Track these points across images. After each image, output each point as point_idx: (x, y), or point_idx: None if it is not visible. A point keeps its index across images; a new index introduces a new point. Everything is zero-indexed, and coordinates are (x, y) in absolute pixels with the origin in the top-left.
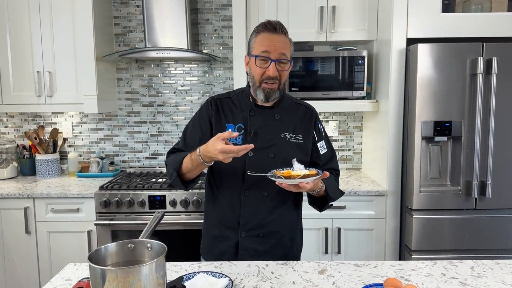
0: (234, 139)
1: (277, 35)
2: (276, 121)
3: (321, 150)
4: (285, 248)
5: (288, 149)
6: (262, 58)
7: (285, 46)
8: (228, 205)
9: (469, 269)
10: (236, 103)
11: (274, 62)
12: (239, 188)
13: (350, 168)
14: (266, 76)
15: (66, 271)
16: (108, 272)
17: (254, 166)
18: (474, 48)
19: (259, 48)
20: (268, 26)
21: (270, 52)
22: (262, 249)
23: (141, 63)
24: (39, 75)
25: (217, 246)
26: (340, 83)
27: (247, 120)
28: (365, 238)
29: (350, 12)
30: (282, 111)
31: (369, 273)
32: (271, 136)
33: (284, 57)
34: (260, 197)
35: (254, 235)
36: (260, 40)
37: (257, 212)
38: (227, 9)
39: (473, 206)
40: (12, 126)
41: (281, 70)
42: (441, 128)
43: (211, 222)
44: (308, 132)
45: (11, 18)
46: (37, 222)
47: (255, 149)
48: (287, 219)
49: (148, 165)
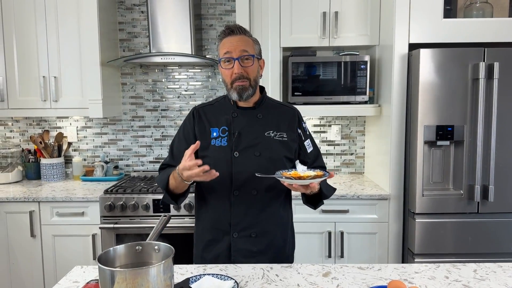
0: (219, 141)
1: (235, 36)
2: (259, 120)
3: (308, 149)
4: (278, 248)
5: (273, 147)
6: (226, 60)
7: (246, 43)
8: (218, 207)
9: (472, 272)
10: (219, 108)
11: (237, 59)
12: (227, 189)
13: (353, 172)
14: (234, 76)
15: (73, 274)
16: (117, 273)
17: (240, 165)
18: (475, 53)
19: (222, 51)
20: (226, 31)
21: (231, 51)
22: (255, 250)
23: (146, 68)
24: (44, 80)
25: (211, 250)
26: (343, 87)
27: (231, 122)
28: (368, 242)
29: (352, 18)
30: (264, 111)
31: (373, 276)
32: (255, 135)
33: (246, 53)
34: (250, 196)
35: (247, 235)
36: (222, 45)
37: (248, 211)
38: (230, 15)
39: (476, 210)
40: (18, 130)
41: (246, 67)
42: (443, 133)
43: (203, 227)
44: (291, 130)
45: (17, 23)
46: (42, 226)
47: (240, 148)
48: (278, 218)
49: (152, 169)
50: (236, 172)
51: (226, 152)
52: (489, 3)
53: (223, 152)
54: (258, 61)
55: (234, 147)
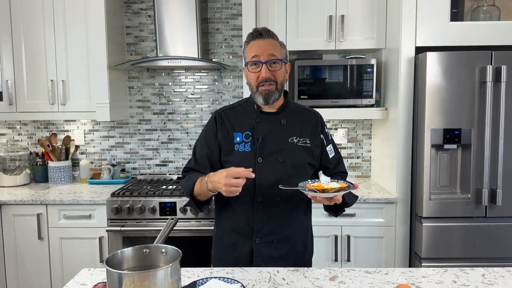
0: (243, 147)
1: (263, 39)
2: (282, 126)
3: (330, 154)
4: (299, 253)
5: (296, 153)
6: (253, 63)
7: (274, 47)
8: (240, 212)
9: (480, 277)
10: (241, 113)
11: (265, 63)
12: (250, 194)
13: (359, 175)
14: (261, 79)
15: (81, 276)
16: (125, 276)
17: (264, 171)
18: (483, 56)
19: (250, 54)
20: (254, 34)
21: (260, 55)
22: (276, 255)
23: (152, 72)
24: (52, 84)
25: (232, 254)
26: (349, 91)
27: (254, 127)
28: (374, 245)
29: (358, 21)
30: (288, 116)
31: (380, 280)
32: (279, 141)
33: (274, 58)
34: (273, 202)
35: (269, 241)
36: (249, 48)
37: (271, 218)
38: (237, 19)
39: (483, 214)
40: (26, 133)
41: (274, 71)
42: (450, 136)
43: (224, 230)
44: (315, 136)
45: (26, 27)
46: (50, 228)
47: (264, 154)
48: (300, 223)
49: (158, 172)
50: (260, 178)
51: (249, 157)
52: (496, 6)
53: (246, 157)
54: (285, 65)
55: (258, 153)
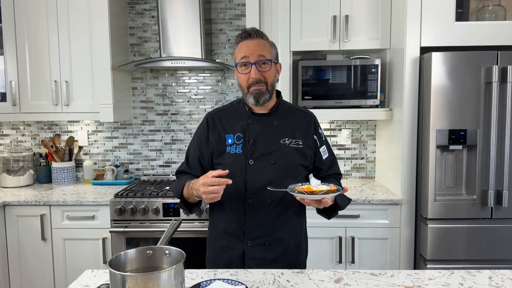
0: (234, 148)
1: (252, 40)
2: (274, 127)
3: (323, 155)
4: (292, 255)
5: (288, 155)
6: (242, 64)
7: (263, 48)
8: (232, 214)
9: (487, 279)
10: (233, 114)
11: (255, 64)
12: (242, 196)
13: (364, 176)
14: (251, 81)
15: (84, 277)
16: (129, 278)
17: (255, 173)
18: (488, 56)
19: (239, 55)
20: (243, 35)
21: (249, 56)
22: (269, 258)
23: (156, 73)
24: (56, 84)
25: (224, 256)
26: (353, 91)
27: (245, 129)
28: (379, 247)
29: (363, 21)
30: (280, 117)
31: (386, 282)
32: (270, 142)
33: (263, 58)
34: (265, 204)
35: (261, 244)
36: (238, 49)
37: (262, 220)
38: (240, 19)
39: (489, 216)
40: (29, 134)
41: (263, 71)
42: (456, 137)
43: (217, 232)
44: (307, 137)
45: (30, 28)
46: (53, 229)
47: (255, 156)
48: (293, 225)
49: (162, 173)
50: (251, 180)
51: (241, 159)
52: (502, 6)
53: (238, 159)
54: (275, 65)
55: (249, 155)
